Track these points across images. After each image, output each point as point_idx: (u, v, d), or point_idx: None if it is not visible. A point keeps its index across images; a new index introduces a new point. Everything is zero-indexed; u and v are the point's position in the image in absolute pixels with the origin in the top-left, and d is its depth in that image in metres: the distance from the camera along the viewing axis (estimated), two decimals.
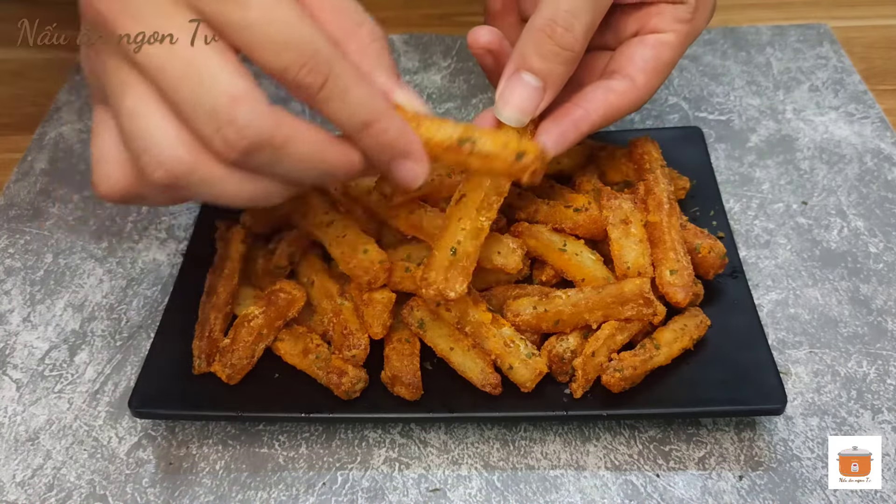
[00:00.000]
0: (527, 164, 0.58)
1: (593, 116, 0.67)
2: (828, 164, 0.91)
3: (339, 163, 0.56)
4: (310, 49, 0.52)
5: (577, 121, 0.67)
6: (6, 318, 0.82)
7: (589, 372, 0.66)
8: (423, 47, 1.13)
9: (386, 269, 0.70)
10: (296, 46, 0.51)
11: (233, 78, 0.52)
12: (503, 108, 0.66)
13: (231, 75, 0.52)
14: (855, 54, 1.07)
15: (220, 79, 0.51)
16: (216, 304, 0.73)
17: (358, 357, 0.68)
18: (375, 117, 0.55)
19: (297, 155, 0.54)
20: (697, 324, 0.69)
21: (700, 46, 1.09)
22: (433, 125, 0.58)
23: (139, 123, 0.53)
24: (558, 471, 0.67)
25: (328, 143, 0.55)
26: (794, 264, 0.81)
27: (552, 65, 0.65)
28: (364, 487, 0.67)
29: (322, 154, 0.55)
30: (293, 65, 0.52)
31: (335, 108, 0.54)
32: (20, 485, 0.68)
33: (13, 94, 1.12)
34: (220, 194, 0.56)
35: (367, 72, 0.58)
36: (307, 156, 0.54)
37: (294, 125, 0.53)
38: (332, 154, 0.55)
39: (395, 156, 0.58)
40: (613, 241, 0.71)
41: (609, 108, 0.68)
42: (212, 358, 0.71)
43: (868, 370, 0.72)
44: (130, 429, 0.72)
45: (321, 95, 0.53)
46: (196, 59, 0.51)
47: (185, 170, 0.53)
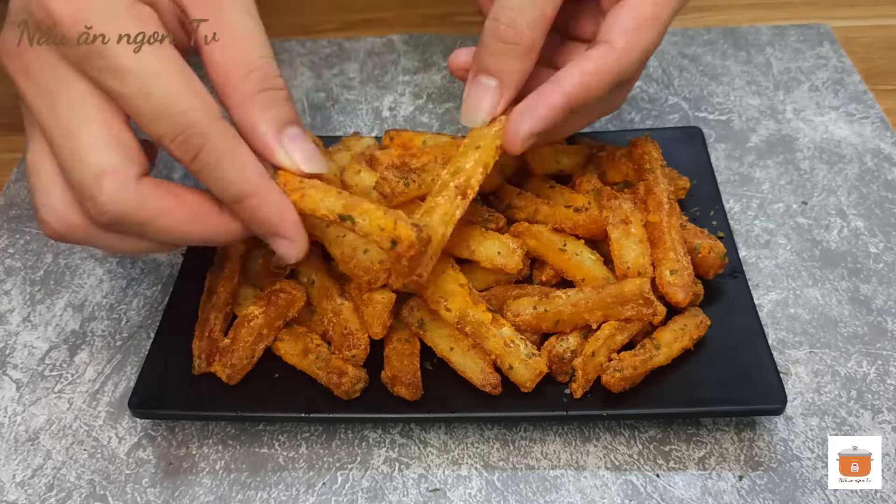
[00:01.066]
0: (401, 252, 0.59)
1: (566, 87, 0.63)
2: (828, 164, 0.91)
3: (214, 232, 0.58)
4: (183, 122, 0.53)
5: (546, 94, 0.64)
6: (6, 318, 0.82)
7: (589, 372, 0.66)
8: (423, 47, 1.13)
9: (386, 270, 0.70)
10: (168, 119, 0.53)
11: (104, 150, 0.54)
12: (464, 113, 0.67)
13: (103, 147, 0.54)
14: (855, 54, 1.07)
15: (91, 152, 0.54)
16: (216, 304, 0.73)
17: (358, 357, 0.68)
18: (248, 192, 0.56)
19: (164, 227, 0.56)
20: (697, 324, 0.69)
21: (700, 46, 1.09)
22: (316, 197, 0.59)
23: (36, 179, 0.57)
24: (558, 471, 0.67)
25: (202, 214, 0.57)
26: (794, 264, 0.81)
27: (502, 62, 0.65)
28: (364, 487, 0.67)
29: (193, 226, 0.57)
30: (166, 136, 0.54)
31: (208, 180, 0.56)
32: (20, 485, 0.68)
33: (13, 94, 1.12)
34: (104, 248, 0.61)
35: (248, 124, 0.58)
36: (174, 228, 0.56)
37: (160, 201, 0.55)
38: (205, 225, 0.57)
39: (270, 233, 0.59)
40: (613, 241, 0.71)
41: (584, 75, 0.64)
42: (212, 358, 0.71)
43: (868, 370, 0.72)
44: (130, 429, 0.72)
45: (194, 167, 0.55)
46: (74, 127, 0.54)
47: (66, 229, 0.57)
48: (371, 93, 1.07)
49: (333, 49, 1.14)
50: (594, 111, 0.73)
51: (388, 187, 0.71)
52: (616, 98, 0.73)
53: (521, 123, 0.64)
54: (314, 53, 1.14)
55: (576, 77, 0.64)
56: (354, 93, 1.07)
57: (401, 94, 1.06)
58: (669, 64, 1.07)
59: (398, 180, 0.71)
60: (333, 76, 1.10)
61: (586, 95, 0.64)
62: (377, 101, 1.06)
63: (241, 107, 0.58)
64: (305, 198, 0.59)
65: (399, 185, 0.70)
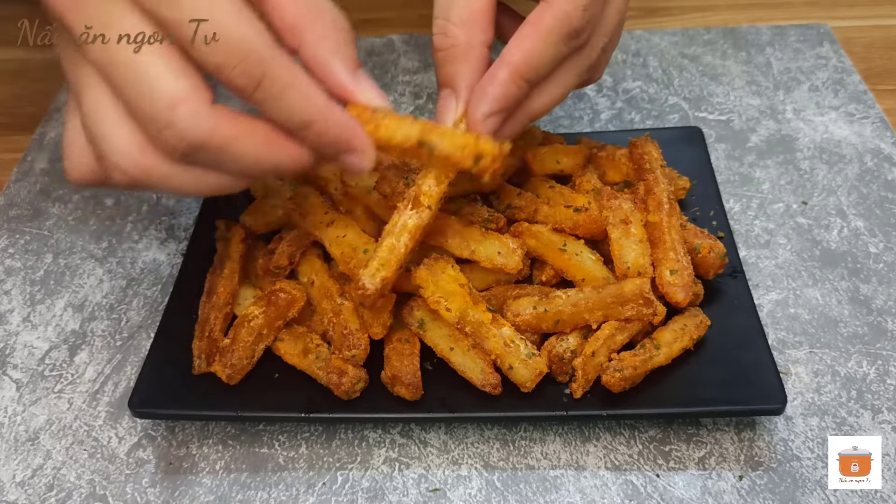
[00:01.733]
0: (485, 167, 0.59)
1: (508, 58, 0.62)
2: (828, 164, 0.91)
3: (286, 158, 0.57)
4: (243, 49, 0.52)
5: (493, 71, 0.62)
6: (6, 318, 0.82)
7: (589, 372, 0.66)
8: (423, 47, 1.13)
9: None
10: (228, 46, 0.51)
11: (173, 80, 0.52)
12: None
13: (172, 77, 0.52)
14: (855, 54, 1.07)
15: (161, 81, 0.52)
16: (216, 304, 0.73)
17: (358, 357, 0.68)
18: (314, 117, 0.55)
19: (241, 153, 0.55)
20: (697, 324, 0.69)
21: (700, 46, 1.09)
22: (392, 125, 0.58)
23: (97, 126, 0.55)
24: (558, 471, 0.67)
25: (273, 140, 0.56)
26: (794, 264, 0.81)
27: (446, 69, 0.65)
28: (364, 487, 0.67)
29: (266, 151, 0.56)
30: (225, 65, 0.52)
31: (272, 109, 0.55)
32: (20, 485, 0.68)
33: (13, 94, 1.12)
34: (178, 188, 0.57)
35: (322, 63, 0.58)
36: (251, 154, 0.55)
37: (235, 125, 0.54)
38: (277, 151, 0.56)
39: (340, 151, 0.58)
40: (613, 241, 0.71)
41: (524, 40, 0.62)
42: (212, 358, 0.71)
43: (868, 370, 0.72)
44: (130, 429, 0.72)
45: (256, 96, 0.54)
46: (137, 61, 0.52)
47: (141, 172, 0.55)
48: None
49: None
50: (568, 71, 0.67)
51: (389, 187, 0.71)
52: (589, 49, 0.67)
53: (475, 107, 0.63)
54: None
55: (515, 45, 0.62)
56: None
57: (401, 94, 1.06)
58: (669, 64, 1.07)
59: (398, 180, 0.71)
60: None
61: (534, 60, 0.62)
62: None
63: (315, 46, 0.57)
64: (381, 127, 0.59)
65: (399, 184, 0.70)
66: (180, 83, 0.52)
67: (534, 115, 0.68)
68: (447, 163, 0.60)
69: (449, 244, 0.71)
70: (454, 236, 0.70)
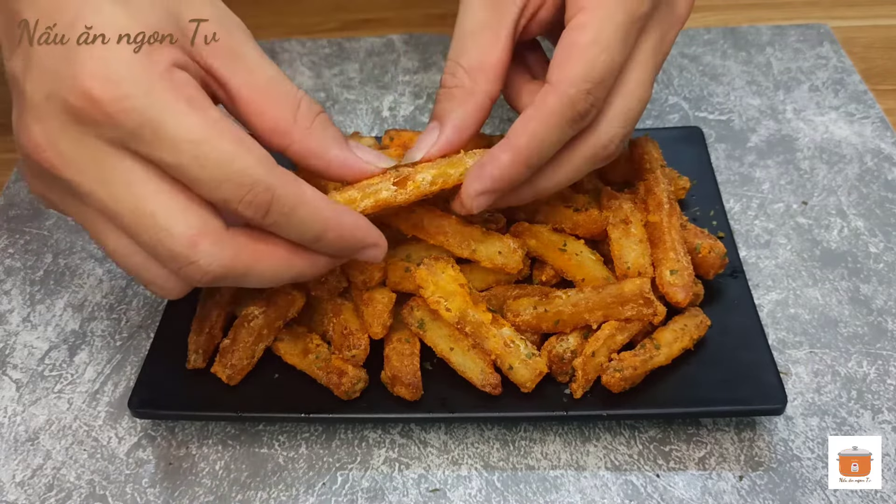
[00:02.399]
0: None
1: (513, 141, 0.61)
2: (828, 164, 0.91)
3: (305, 269, 0.59)
4: (247, 182, 0.52)
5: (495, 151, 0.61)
6: (6, 318, 0.82)
7: (589, 372, 0.66)
8: (423, 47, 1.13)
9: (380, 269, 0.70)
10: (232, 182, 0.52)
11: (184, 218, 0.53)
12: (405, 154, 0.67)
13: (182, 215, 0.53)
14: (855, 54, 1.07)
15: (173, 222, 0.52)
16: (218, 302, 0.73)
17: (358, 357, 0.68)
18: (326, 228, 0.56)
19: (261, 274, 0.57)
20: (697, 324, 0.69)
21: (700, 46, 1.09)
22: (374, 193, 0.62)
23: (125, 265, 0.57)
24: (558, 471, 0.67)
25: (291, 256, 0.57)
26: (795, 264, 0.81)
27: (443, 105, 0.66)
28: (364, 487, 0.67)
29: (286, 267, 0.58)
30: (232, 199, 0.53)
31: (285, 230, 0.56)
32: (20, 485, 0.68)
33: None
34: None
35: (318, 154, 0.60)
36: (270, 273, 0.57)
37: (254, 250, 0.56)
38: (296, 264, 0.58)
39: (354, 251, 0.60)
40: (613, 241, 0.71)
41: (528, 122, 0.60)
42: (208, 354, 0.71)
43: (868, 370, 0.72)
44: (130, 429, 0.72)
45: (268, 222, 0.55)
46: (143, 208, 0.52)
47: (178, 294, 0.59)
48: (371, 93, 1.07)
49: (333, 49, 1.14)
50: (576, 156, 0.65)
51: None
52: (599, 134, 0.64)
53: (470, 183, 0.62)
54: (314, 53, 1.14)
55: (521, 129, 0.61)
56: (354, 93, 1.07)
57: (401, 94, 1.06)
58: (669, 64, 1.07)
59: None
60: (333, 76, 1.10)
61: (536, 146, 0.61)
62: (377, 100, 1.06)
63: (305, 139, 0.59)
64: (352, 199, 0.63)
65: None
66: (192, 220, 0.53)
67: (541, 194, 0.67)
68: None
69: (449, 244, 0.71)
70: (454, 236, 0.70)
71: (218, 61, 0.56)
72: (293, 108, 0.59)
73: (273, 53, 1.13)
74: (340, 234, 0.57)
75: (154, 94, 0.50)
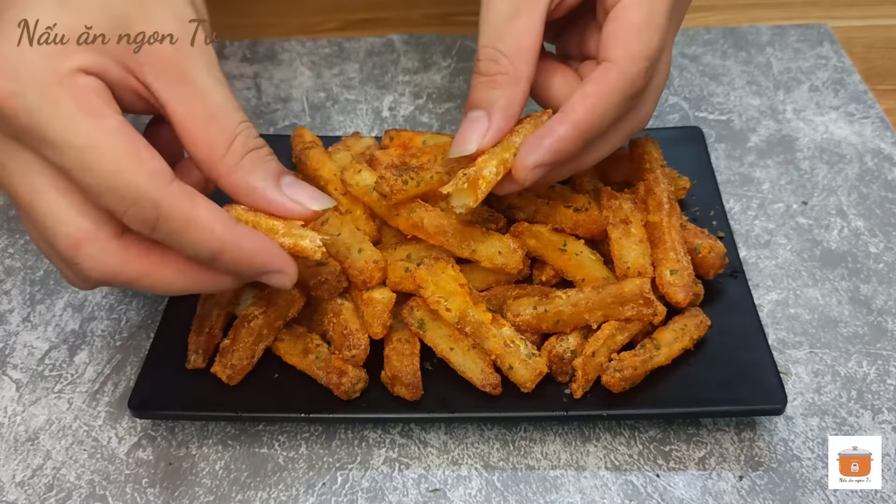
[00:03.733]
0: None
1: (571, 115, 0.62)
2: (828, 164, 0.91)
3: (204, 284, 0.58)
4: (131, 196, 0.52)
5: (553, 124, 0.62)
6: (6, 318, 0.82)
7: (589, 372, 0.66)
8: (423, 47, 1.13)
9: (380, 269, 0.70)
10: (116, 193, 0.52)
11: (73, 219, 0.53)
12: (453, 147, 0.65)
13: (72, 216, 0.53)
14: (855, 54, 1.07)
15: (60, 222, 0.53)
16: (219, 302, 0.73)
17: (358, 357, 0.68)
18: (220, 249, 0.55)
19: (153, 284, 0.56)
20: (697, 324, 0.69)
21: (700, 46, 1.09)
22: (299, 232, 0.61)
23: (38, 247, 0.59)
24: (558, 471, 0.67)
25: (186, 270, 0.57)
26: (795, 264, 0.81)
27: (486, 93, 0.64)
28: (364, 487, 0.67)
29: (181, 280, 0.57)
30: (117, 210, 0.53)
31: (174, 246, 0.55)
32: (20, 485, 0.68)
33: None
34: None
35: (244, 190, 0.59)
36: (163, 284, 0.57)
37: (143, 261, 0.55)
38: (192, 278, 0.57)
39: (256, 275, 0.59)
40: (613, 241, 0.71)
41: (588, 99, 0.62)
42: (208, 354, 0.71)
43: (868, 370, 0.72)
44: (130, 429, 0.72)
45: (157, 237, 0.54)
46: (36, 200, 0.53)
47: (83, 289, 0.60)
48: (371, 93, 1.07)
49: (333, 49, 1.14)
50: (620, 131, 0.68)
51: (387, 186, 0.71)
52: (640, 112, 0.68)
53: (527, 155, 0.62)
54: (314, 53, 1.14)
55: (580, 103, 0.62)
56: (354, 93, 1.07)
57: (401, 94, 1.06)
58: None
59: (396, 178, 0.71)
60: (333, 76, 1.10)
61: (595, 120, 0.62)
62: (377, 100, 1.06)
63: (231, 174, 0.58)
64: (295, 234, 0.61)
65: (397, 182, 0.70)
66: (80, 222, 0.53)
67: (579, 169, 0.69)
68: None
69: (449, 244, 0.71)
70: (454, 236, 0.70)
71: (159, 81, 0.56)
72: (227, 142, 0.57)
73: (273, 53, 1.13)
74: (237, 257, 0.56)
75: (47, 96, 0.51)
